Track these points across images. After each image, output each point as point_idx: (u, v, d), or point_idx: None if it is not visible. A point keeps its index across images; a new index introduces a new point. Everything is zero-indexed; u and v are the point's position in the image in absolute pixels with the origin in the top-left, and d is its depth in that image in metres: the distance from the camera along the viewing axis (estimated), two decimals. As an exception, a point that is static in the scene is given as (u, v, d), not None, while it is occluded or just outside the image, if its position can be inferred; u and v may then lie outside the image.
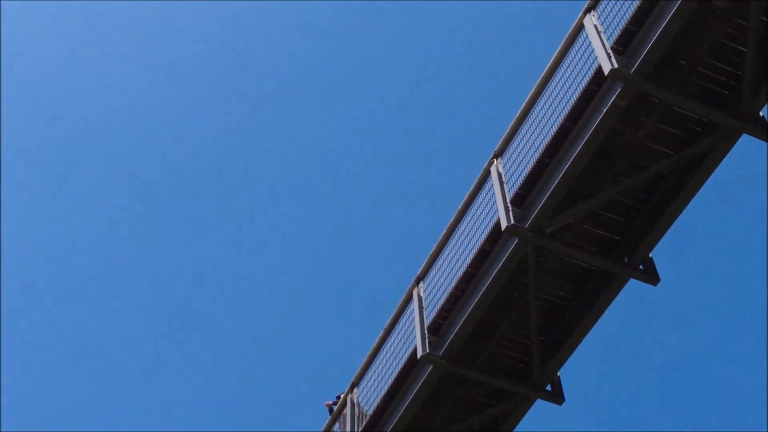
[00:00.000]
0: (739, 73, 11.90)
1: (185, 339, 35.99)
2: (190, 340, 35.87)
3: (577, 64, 12.83)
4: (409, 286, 15.27)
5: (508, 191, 13.43)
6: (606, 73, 11.87)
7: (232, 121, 36.59)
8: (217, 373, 35.26)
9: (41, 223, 36.06)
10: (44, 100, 36.47)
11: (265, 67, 36.55)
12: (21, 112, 35.43)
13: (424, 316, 14.43)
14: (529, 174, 13.06)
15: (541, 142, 13.02)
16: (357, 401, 15.75)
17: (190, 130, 36.40)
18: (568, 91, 12.83)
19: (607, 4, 12.60)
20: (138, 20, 36.02)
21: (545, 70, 13.45)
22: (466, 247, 14.20)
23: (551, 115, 13.02)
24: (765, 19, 11.45)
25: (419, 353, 13.93)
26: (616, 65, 11.79)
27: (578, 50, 12.93)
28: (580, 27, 12.98)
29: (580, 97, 12.47)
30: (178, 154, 36.76)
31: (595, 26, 12.57)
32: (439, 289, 14.50)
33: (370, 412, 15.10)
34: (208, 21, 36.26)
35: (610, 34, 12.26)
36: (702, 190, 12.78)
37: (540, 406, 14.50)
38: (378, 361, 15.47)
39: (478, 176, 14.43)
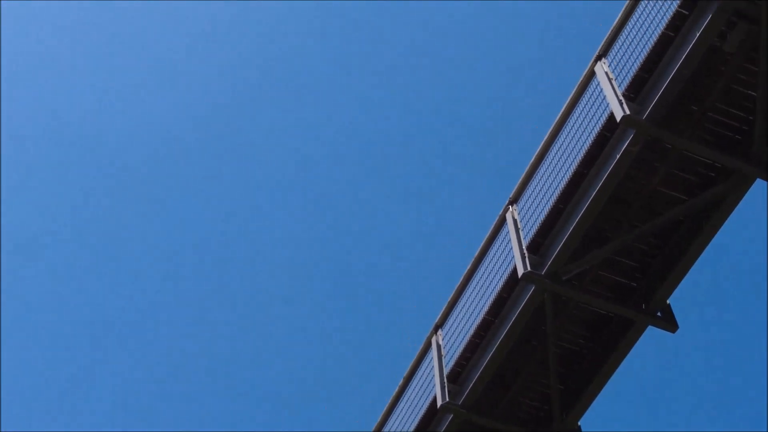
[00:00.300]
0: (750, 117, 11.94)
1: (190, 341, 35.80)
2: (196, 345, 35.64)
3: (589, 110, 12.92)
4: (428, 333, 15.26)
5: (524, 237, 13.47)
6: (618, 119, 11.94)
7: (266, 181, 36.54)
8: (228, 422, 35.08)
9: (41, 222, 36.10)
10: (44, 100, 36.67)
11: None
12: (21, 112, 35.66)
13: (444, 365, 14.40)
14: (545, 220, 13.09)
15: (556, 188, 13.07)
16: (377, 452, 15.70)
17: (194, 131, 36.43)
18: (581, 137, 12.90)
19: (618, 51, 12.72)
20: (138, 20, 36.29)
21: (558, 117, 13.55)
22: (483, 294, 14.21)
23: (565, 162, 13.08)
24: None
25: (439, 402, 13.88)
26: (628, 111, 11.86)
27: (590, 97, 13.03)
28: (591, 74, 13.10)
29: (593, 143, 12.53)
30: (182, 154, 36.64)
31: (606, 73, 12.69)
32: (457, 337, 14.48)
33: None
34: (210, 20, 36.38)
35: (621, 81, 12.36)
36: (718, 234, 12.75)
37: (561, 454, 14.33)
38: (397, 411, 15.42)
39: (494, 222, 14.49)
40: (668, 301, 13.29)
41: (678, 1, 11.68)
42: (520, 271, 12.94)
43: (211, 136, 36.71)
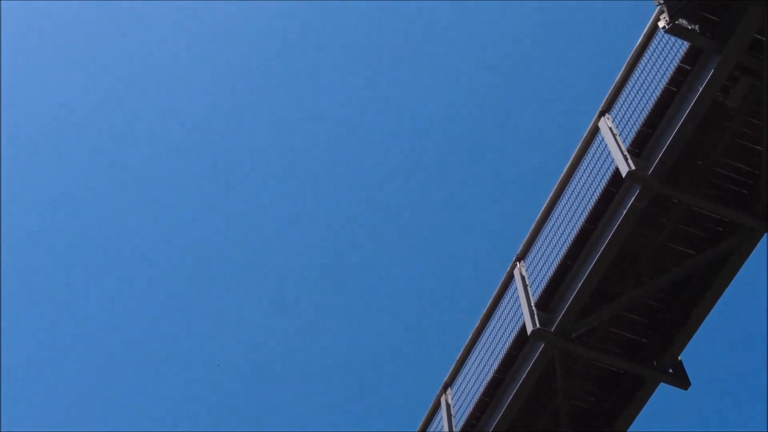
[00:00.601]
0: (756, 172, 11.89)
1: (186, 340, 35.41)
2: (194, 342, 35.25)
3: (594, 166, 12.90)
4: (437, 393, 15.09)
5: (533, 294, 13.37)
6: (623, 175, 11.91)
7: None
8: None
9: (41, 221, 35.94)
10: (44, 100, 36.69)
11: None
12: (21, 112, 35.69)
13: (453, 424, 14.22)
14: (552, 277, 12.99)
15: (563, 244, 13.00)
16: None
17: (198, 130, 36.35)
18: (586, 193, 12.86)
19: (621, 106, 12.74)
20: (138, 20, 36.41)
21: (563, 173, 13.52)
22: (492, 351, 14.07)
23: (571, 218, 13.03)
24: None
25: (449, 463, 13.69)
26: (633, 167, 11.84)
27: (594, 152, 13.02)
28: (596, 129, 13.11)
29: (599, 199, 12.48)
30: (186, 153, 36.49)
31: (610, 129, 12.69)
32: (467, 396, 14.32)
33: None
34: (212, 20, 36.47)
35: (626, 137, 12.35)
36: (729, 288, 12.64)
37: None
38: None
39: (502, 279, 14.40)
40: (680, 358, 13.13)
41: (680, 57, 11.71)
42: (529, 329, 12.81)
43: (221, 136, 36.64)
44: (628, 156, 12.01)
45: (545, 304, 13.08)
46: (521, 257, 14.10)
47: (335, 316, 35.68)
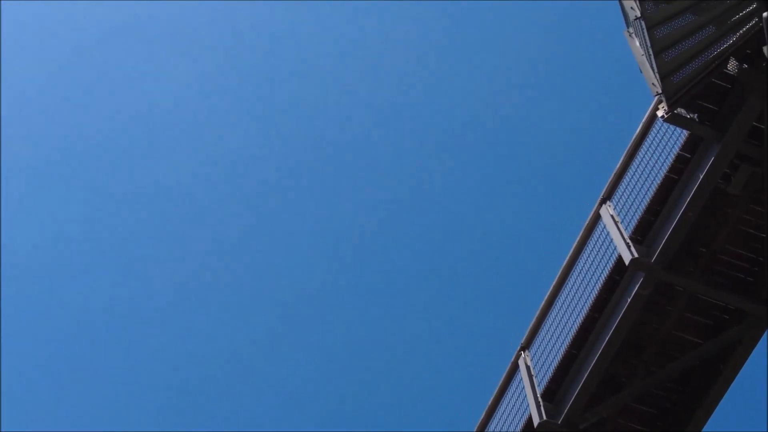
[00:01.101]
0: (760, 259, 11.85)
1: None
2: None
3: (596, 254, 12.85)
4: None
5: (538, 385, 13.19)
6: (627, 263, 11.86)
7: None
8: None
9: (41, 221, 35.53)
10: (44, 99, 36.55)
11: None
12: (21, 112, 35.51)
13: None
14: (558, 367, 12.83)
15: (567, 334, 12.87)
16: None
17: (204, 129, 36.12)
18: (590, 282, 12.79)
19: (622, 194, 12.74)
20: (138, 20, 36.45)
21: (565, 262, 13.46)
22: (500, 442, 13.82)
23: (575, 307, 12.93)
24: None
25: None
26: (636, 255, 11.79)
27: (597, 240, 12.98)
28: (597, 217, 13.09)
29: (602, 287, 12.41)
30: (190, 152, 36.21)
31: (612, 216, 12.68)
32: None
33: None
34: (213, 21, 36.53)
35: (627, 224, 12.33)
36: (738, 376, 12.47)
37: None
38: None
39: (507, 369, 14.20)
40: (690, 449, 12.89)
41: (679, 145, 11.77)
42: (536, 420, 12.59)
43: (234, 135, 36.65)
44: (630, 243, 11.98)
45: (551, 394, 12.88)
46: (525, 346, 13.94)
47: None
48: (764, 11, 10.38)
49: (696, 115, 11.40)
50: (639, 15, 10.65)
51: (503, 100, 35.94)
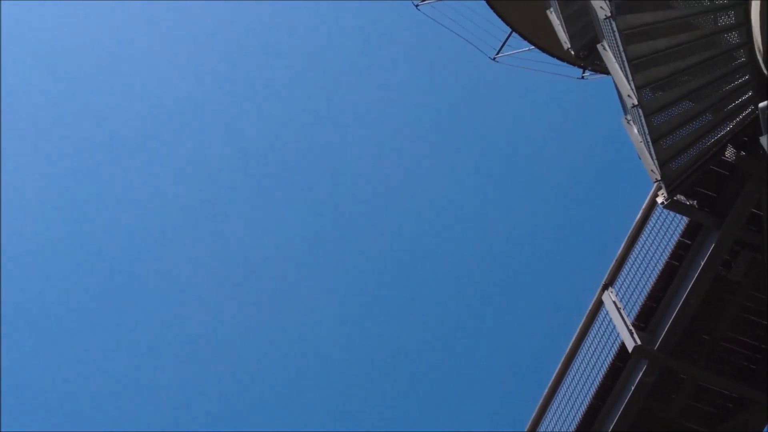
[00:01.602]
0: (763, 346, 11.74)
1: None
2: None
3: (599, 341, 12.76)
4: None
5: (542, 473, 12.97)
6: (630, 350, 11.78)
7: None
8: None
9: (41, 222, 35.01)
10: (44, 99, 36.32)
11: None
12: (21, 111, 35.30)
13: None
14: (563, 456, 12.63)
15: (572, 421, 12.71)
16: None
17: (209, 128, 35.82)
18: (593, 368, 12.67)
19: (624, 280, 12.70)
20: (137, 20, 36.50)
21: (568, 348, 13.35)
22: None
23: (579, 394, 12.79)
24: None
25: None
26: (639, 342, 11.74)
27: (599, 327, 12.90)
28: (599, 303, 13.02)
29: (606, 374, 12.29)
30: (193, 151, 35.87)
31: (614, 302, 12.62)
32: None
33: None
34: (214, 20, 36.56)
35: (630, 310, 12.27)
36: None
37: None
38: None
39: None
40: None
41: (680, 231, 11.78)
42: None
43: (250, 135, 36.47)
44: (633, 330, 11.91)
45: (555, 483, 12.66)
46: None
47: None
48: (760, 100, 10.50)
49: (695, 201, 11.44)
50: (636, 103, 10.77)
51: (503, 187, 36.23)
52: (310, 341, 35.35)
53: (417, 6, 18.75)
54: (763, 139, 8.37)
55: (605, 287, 13.04)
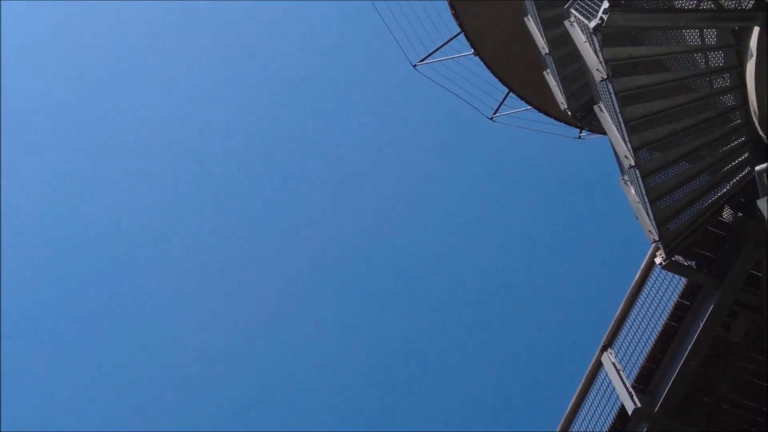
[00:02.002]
0: (764, 408, 11.63)
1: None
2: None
3: (599, 403, 12.64)
4: None
5: None
6: (630, 412, 11.65)
7: None
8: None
9: (41, 222, 34.63)
10: (44, 99, 36.11)
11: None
12: (21, 111, 35.07)
13: None
14: None
15: (572, 485, 12.52)
16: None
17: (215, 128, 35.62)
18: (593, 431, 12.53)
19: (623, 341, 12.62)
20: (135, 20, 36.45)
21: (568, 410, 13.23)
22: None
23: (579, 457, 12.63)
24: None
25: None
26: (639, 404, 11.63)
27: (599, 389, 12.78)
28: (599, 365, 12.93)
29: (606, 437, 12.14)
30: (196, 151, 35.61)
31: (614, 364, 12.52)
32: None
33: None
34: (216, 20, 36.57)
35: (630, 372, 12.17)
36: None
37: None
38: None
39: None
40: None
41: (678, 292, 11.73)
42: None
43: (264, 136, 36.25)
44: (633, 393, 11.81)
45: None
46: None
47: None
48: (757, 162, 10.53)
49: (694, 262, 11.42)
50: (633, 164, 10.79)
51: (501, 246, 36.20)
52: (314, 342, 35.29)
53: (414, 66, 18.92)
54: (760, 202, 8.37)
55: (604, 348, 12.95)
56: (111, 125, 36.95)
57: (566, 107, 14.33)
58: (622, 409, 11.92)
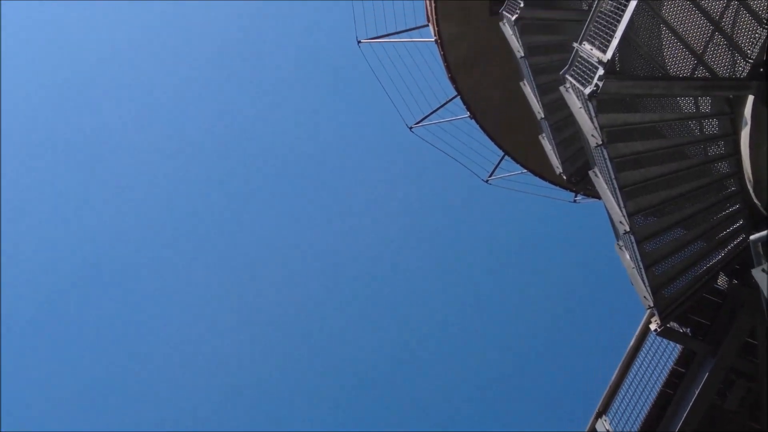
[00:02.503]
0: (762, 480, 11.46)
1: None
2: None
3: (594, 472, 12.47)
4: None
5: None
6: (626, 481, 11.47)
7: None
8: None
9: (41, 221, 34.17)
10: (44, 99, 35.79)
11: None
12: (21, 111, 34.76)
13: None
14: None
15: None
16: None
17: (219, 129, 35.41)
18: (588, 499, 12.35)
19: (618, 408, 12.49)
20: (137, 20, 36.31)
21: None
22: None
23: None
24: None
25: None
26: (636, 474, 11.43)
27: (594, 457, 12.62)
28: (593, 432, 12.78)
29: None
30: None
31: (608, 431, 12.38)
32: None
33: None
34: (216, 20, 36.51)
35: (625, 441, 12.02)
36: None
37: None
38: None
39: None
40: None
41: (674, 359, 11.64)
42: None
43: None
44: (630, 462, 11.65)
45: None
46: None
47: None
48: (751, 229, 10.53)
49: (689, 329, 11.35)
50: (628, 230, 10.79)
51: (495, 310, 36.09)
52: (318, 344, 35.09)
53: (411, 128, 19.03)
54: (755, 272, 8.34)
55: (599, 415, 12.81)
56: (111, 125, 37.21)
57: (561, 171, 14.37)
58: (619, 478, 11.75)
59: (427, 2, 17.51)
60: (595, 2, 10.13)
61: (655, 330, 11.26)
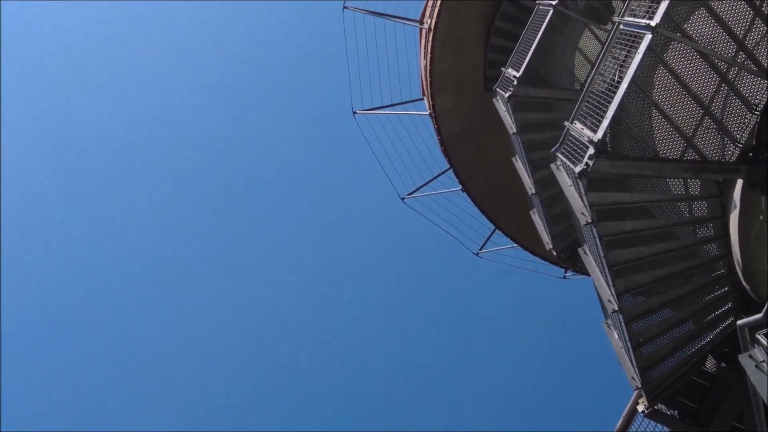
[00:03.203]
0: None
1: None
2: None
3: None
4: None
5: None
6: None
7: None
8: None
9: (40, 222, 33.59)
10: (44, 99, 35.31)
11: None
12: (21, 111, 34.30)
13: None
14: None
15: None
16: None
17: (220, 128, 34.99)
18: None
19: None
20: (137, 20, 36.00)
21: None
22: None
23: None
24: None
25: None
26: None
27: None
28: None
29: None
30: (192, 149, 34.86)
31: None
32: None
33: None
34: (216, 19, 36.32)
35: None
36: None
37: None
38: None
39: None
40: None
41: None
42: None
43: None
44: None
45: None
46: None
47: None
48: (740, 312, 10.50)
49: (677, 411, 11.23)
50: (617, 309, 10.74)
51: (481, 385, 35.77)
52: (321, 342, 34.76)
53: (403, 199, 19.09)
54: (742, 357, 8.28)
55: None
56: (111, 125, 37.28)
57: (552, 247, 14.37)
58: None
59: (423, 77, 17.71)
60: (587, 83, 10.24)
61: (643, 411, 11.13)
